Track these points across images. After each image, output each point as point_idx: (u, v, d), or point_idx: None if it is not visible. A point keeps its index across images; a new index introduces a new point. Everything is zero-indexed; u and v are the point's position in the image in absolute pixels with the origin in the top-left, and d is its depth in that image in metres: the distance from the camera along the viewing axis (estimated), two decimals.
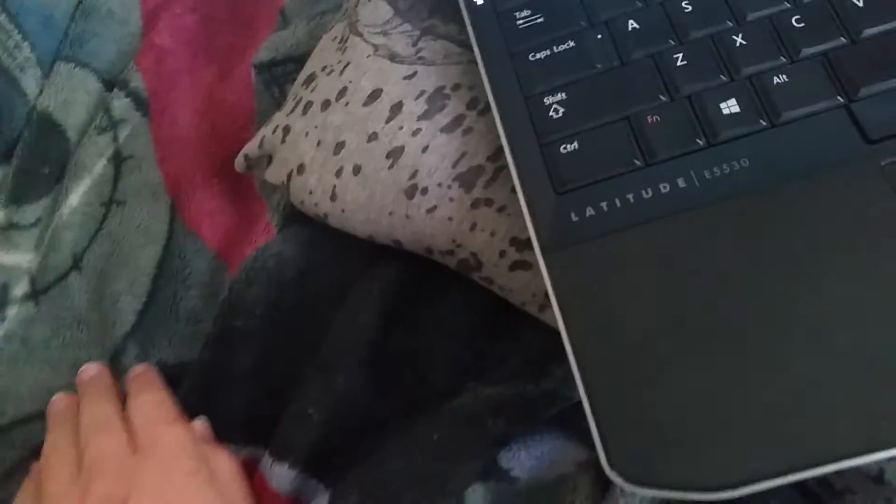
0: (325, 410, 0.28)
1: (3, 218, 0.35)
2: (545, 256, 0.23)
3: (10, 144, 0.37)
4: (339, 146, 0.29)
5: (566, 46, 0.25)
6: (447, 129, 0.28)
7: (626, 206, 0.23)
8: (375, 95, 0.29)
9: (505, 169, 0.26)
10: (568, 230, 0.23)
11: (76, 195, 0.35)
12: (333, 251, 0.31)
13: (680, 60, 0.24)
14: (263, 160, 0.31)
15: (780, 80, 0.23)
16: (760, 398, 0.20)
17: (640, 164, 0.23)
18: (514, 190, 0.24)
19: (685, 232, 0.22)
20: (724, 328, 0.21)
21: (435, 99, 0.28)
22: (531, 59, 0.26)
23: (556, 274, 0.22)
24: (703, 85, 0.24)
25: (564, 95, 0.25)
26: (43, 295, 0.34)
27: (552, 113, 0.25)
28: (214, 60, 0.37)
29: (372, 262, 0.30)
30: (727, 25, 0.24)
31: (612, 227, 0.22)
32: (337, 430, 0.28)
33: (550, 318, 0.26)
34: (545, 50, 0.26)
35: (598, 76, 0.25)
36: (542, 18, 0.26)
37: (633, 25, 0.25)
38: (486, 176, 0.26)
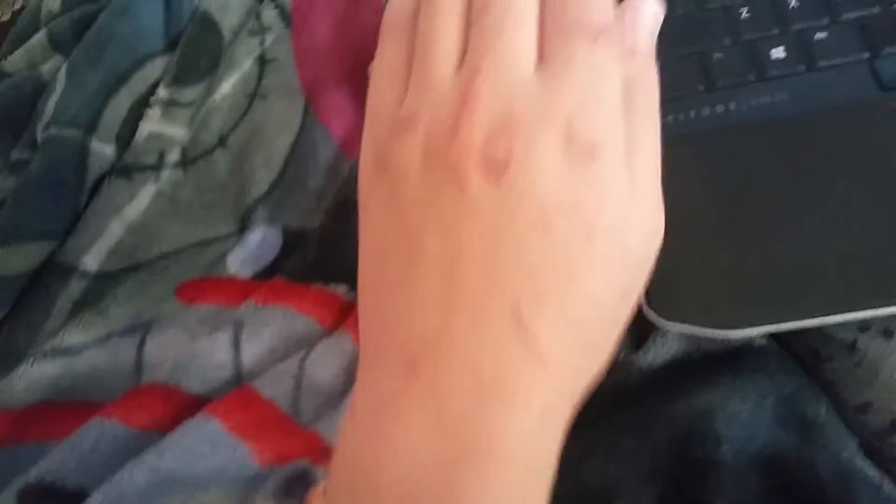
0: None
1: (166, 95, 0.41)
2: None
3: (175, 36, 0.43)
4: None
5: None
6: None
7: (687, 119, 0.29)
8: None
9: None
10: None
11: (227, 84, 0.41)
12: None
13: (745, 13, 0.30)
14: None
15: (820, 36, 0.29)
16: (770, 265, 0.27)
17: (702, 88, 0.30)
18: None
19: (731, 141, 0.28)
20: (750, 212, 0.27)
21: None
22: None
23: None
24: (759, 34, 0.30)
25: None
26: (191, 165, 0.41)
27: None
28: None
29: None
30: None
31: (675, 132, 0.29)
32: None
33: None
34: None
35: (678, 18, 0.31)
36: None
37: None
38: None
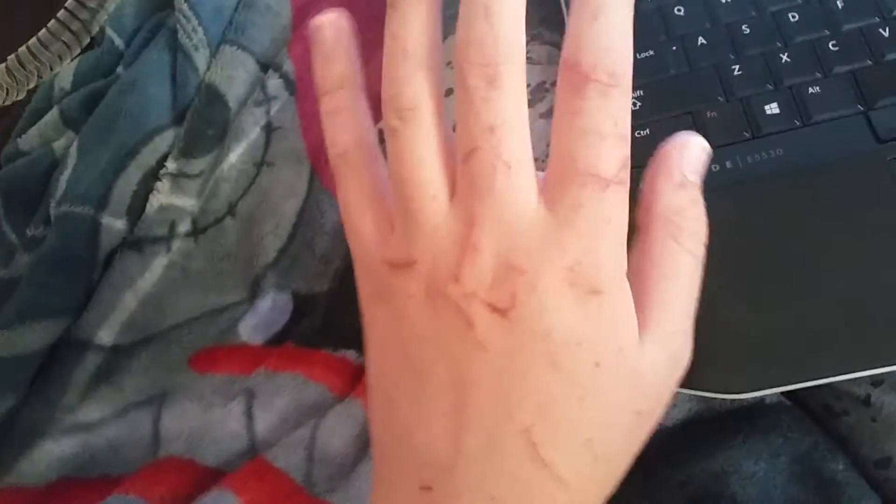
0: None
1: (175, 167, 0.42)
2: None
3: (182, 109, 0.44)
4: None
5: (647, 54, 0.32)
6: (545, 115, 0.35)
7: None
8: None
9: None
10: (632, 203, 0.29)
11: (234, 154, 0.42)
12: None
13: (737, 70, 0.30)
14: None
15: (814, 90, 0.29)
16: (776, 326, 0.26)
17: None
18: None
19: (729, 201, 0.28)
20: (755, 273, 0.27)
21: (537, 91, 0.35)
22: None
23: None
24: (752, 90, 0.30)
25: (642, 93, 0.31)
26: (202, 234, 0.41)
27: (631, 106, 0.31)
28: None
29: None
30: (777, 46, 0.30)
31: None
32: None
33: None
34: None
35: (670, 79, 0.31)
36: None
37: (701, 41, 0.32)
38: None
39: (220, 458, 0.35)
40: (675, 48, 0.32)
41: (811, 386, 0.26)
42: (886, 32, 0.30)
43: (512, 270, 0.22)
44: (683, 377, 0.26)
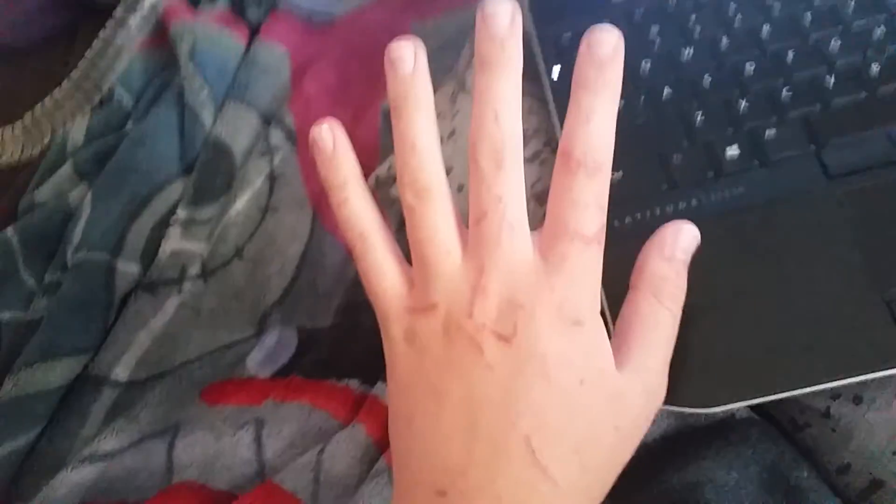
0: None
1: (186, 215, 0.45)
2: None
3: (190, 162, 0.47)
4: (448, 170, 0.39)
5: (619, 104, 0.35)
6: (528, 160, 0.38)
7: (653, 216, 0.32)
8: None
9: None
10: (610, 233, 0.29)
11: (241, 202, 0.45)
12: None
13: (699, 117, 0.34)
14: (389, 180, 0.42)
15: (770, 133, 0.32)
16: (740, 346, 0.29)
17: (665, 188, 0.33)
18: None
19: None
20: (719, 299, 0.30)
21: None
22: None
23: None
24: (714, 135, 0.33)
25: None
26: (211, 276, 0.44)
27: None
28: (349, 107, 0.47)
29: None
30: (736, 93, 0.34)
31: (642, 230, 0.31)
32: None
33: None
34: None
35: (639, 126, 0.34)
36: None
37: (668, 91, 0.35)
38: None
39: (231, 482, 0.37)
40: (643, 98, 0.35)
41: (776, 400, 0.29)
42: (833, 80, 0.33)
43: (514, 306, 0.27)
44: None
